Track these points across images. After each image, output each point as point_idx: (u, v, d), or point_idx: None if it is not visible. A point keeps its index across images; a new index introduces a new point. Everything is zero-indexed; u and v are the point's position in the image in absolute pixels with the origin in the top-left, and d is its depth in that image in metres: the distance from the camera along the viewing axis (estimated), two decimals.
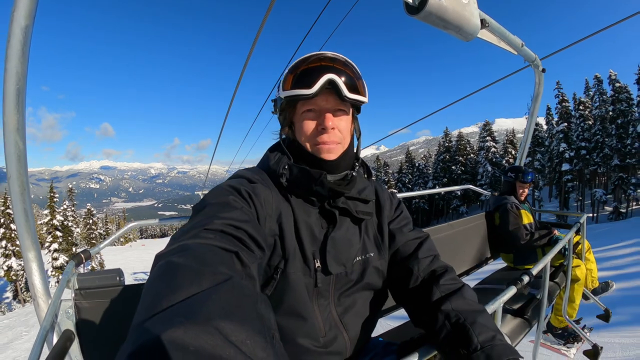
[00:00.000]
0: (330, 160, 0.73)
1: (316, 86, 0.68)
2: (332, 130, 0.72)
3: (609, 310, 2.60)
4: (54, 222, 25.66)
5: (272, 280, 0.68)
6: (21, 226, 0.88)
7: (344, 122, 0.74)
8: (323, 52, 0.73)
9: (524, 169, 2.56)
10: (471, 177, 37.64)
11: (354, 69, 0.74)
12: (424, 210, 43.02)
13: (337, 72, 0.70)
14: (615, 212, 26.10)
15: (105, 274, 1.03)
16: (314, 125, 0.72)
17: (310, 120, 0.72)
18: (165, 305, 0.34)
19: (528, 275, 1.17)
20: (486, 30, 1.51)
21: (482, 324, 0.64)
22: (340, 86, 0.69)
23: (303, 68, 0.70)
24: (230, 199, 0.62)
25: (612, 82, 27.01)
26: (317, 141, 0.72)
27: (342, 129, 0.74)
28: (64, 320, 0.95)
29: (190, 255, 0.44)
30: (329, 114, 0.72)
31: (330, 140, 0.72)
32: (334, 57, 0.72)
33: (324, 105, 0.72)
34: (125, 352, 0.29)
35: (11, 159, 0.82)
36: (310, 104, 0.72)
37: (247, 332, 0.31)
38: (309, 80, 0.68)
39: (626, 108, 25.83)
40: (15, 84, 0.75)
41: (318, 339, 0.71)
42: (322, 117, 0.72)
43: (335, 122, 0.72)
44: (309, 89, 0.68)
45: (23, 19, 0.72)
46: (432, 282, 0.74)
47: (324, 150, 0.72)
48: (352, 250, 0.77)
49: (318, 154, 0.73)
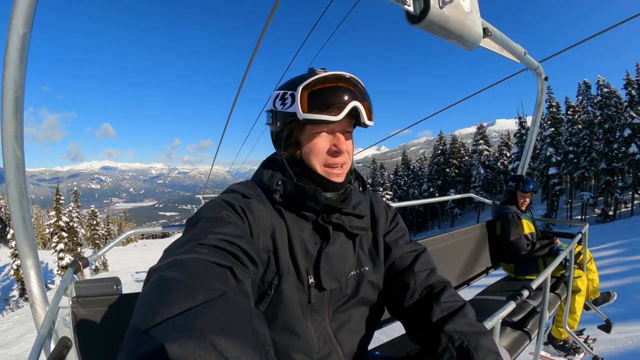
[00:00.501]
0: (337, 183, 0.74)
1: (342, 114, 0.68)
2: (345, 153, 0.72)
3: (610, 320, 2.57)
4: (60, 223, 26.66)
5: (265, 297, 0.68)
6: (19, 233, 0.88)
7: (350, 144, 0.75)
8: (338, 72, 0.71)
9: (525, 179, 2.53)
10: (465, 180, 38.13)
11: (366, 91, 0.74)
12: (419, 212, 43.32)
13: (358, 98, 0.70)
14: (603, 214, 26.49)
15: (102, 282, 1.03)
16: (327, 146, 0.72)
17: (324, 141, 0.72)
18: (159, 319, 0.33)
19: (528, 290, 1.15)
20: (488, 39, 1.50)
21: (485, 347, 0.63)
22: (362, 114, 0.70)
23: (320, 87, 0.69)
24: (224, 214, 0.62)
25: (600, 87, 27.58)
26: (329, 163, 0.72)
27: (350, 150, 0.75)
28: (61, 328, 0.95)
29: (184, 270, 0.44)
30: (343, 136, 0.72)
31: (342, 162, 0.73)
32: (351, 79, 0.71)
33: (336, 128, 0.72)
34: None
35: (9, 167, 0.82)
36: (325, 126, 0.71)
37: (241, 348, 0.31)
38: (331, 105, 0.68)
39: (614, 113, 26.28)
40: (13, 92, 0.75)
41: (312, 354, 0.70)
42: (335, 139, 0.72)
43: (346, 144, 0.73)
44: (335, 117, 0.68)
45: (21, 26, 0.72)
46: (432, 299, 0.73)
47: (334, 173, 0.73)
48: (347, 265, 0.76)
49: (328, 177, 0.73)
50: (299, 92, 0.68)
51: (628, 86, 25.33)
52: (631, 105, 24.64)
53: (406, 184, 45.05)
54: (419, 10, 0.97)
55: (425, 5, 0.95)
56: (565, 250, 1.71)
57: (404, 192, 44.03)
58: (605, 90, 27.12)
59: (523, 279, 2.45)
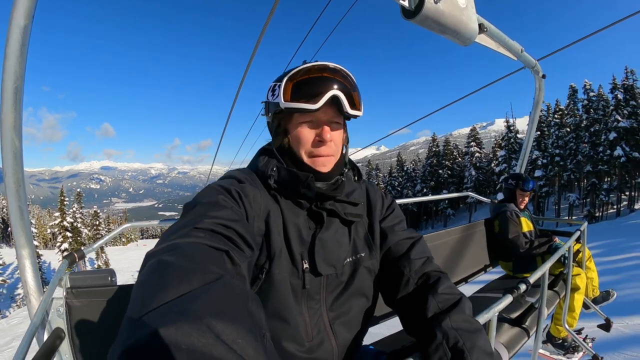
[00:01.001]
0: (324, 173, 0.74)
1: (321, 102, 0.68)
2: (329, 143, 0.73)
3: (610, 319, 2.56)
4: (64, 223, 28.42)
5: (257, 280, 0.68)
6: (16, 223, 0.88)
7: (338, 134, 0.75)
8: (324, 62, 0.72)
9: (524, 177, 2.54)
10: (458, 181, 39.26)
11: (353, 82, 0.74)
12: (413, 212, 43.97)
13: (340, 87, 0.70)
14: (589, 216, 27.00)
15: (97, 273, 1.03)
16: (311, 137, 0.73)
17: (308, 131, 0.73)
18: (157, 303, 0.34)
19: (525, 284, 1.15)
20: (485, 35, 1.51)
21: (481, 348, 0.62)
22: (343, 102, 0.70)
23: (304, 78, 0.70)
24: (220, 198, 0.63)
25: (587, 92, 28.66)
26: (313, 153, 0.73)
27: (337, 141, 0.75)
28: (55, 319, 0.95)
29: (180, 254, 0.44)
30: (327, 126, 0.72)
31: (326, 153, 0.73)
32: (335, 68, 0.72)
33: (322, 118, 0.72)
34: (117, 349, 0.30)
35: (7, 157, 0.82)
36: (309, 115, 0.72)
37: (238, 331, 0.31)
38: (313, 94, 0.68)
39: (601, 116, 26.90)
40: (13, 83, 0.76)
41: (303, 343, 0.70)
42: (320, 129, 0.72)
43: (332, 135, 0.73)
44: (313, 105, 0.68)
45: (22, 18, 0.73)
46: (428, 290, 0.72)
47: (320, 163, 0.73)
48: (342, 251, 0.76)
49: (313, 166, 0.74)
50: (284, 82, 0.71)
51: (614, 90, 25.90)
52: (617, 108, 25.24)
53: (400, 185, 45.80)
54: (414, 5, 0.98)
55: (420, 0, 0.96)
56: (563, 247, 1.71)
57: (398, 192, 44.77)
58: (591, 94, 28.10)
59: (521, 277, 2.44)
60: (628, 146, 24.61)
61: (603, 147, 25.79)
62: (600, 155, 26.10)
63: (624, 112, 24.91)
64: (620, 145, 24.78)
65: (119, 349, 0.29)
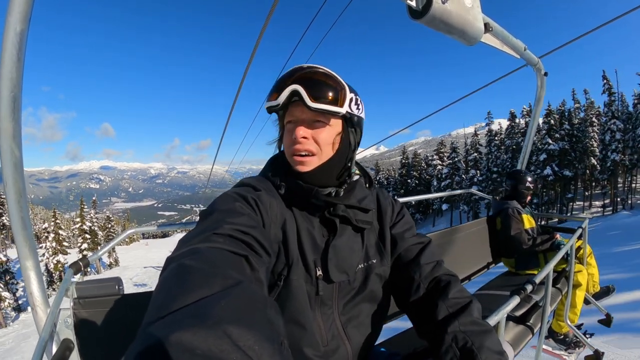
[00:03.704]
0: (303, 172, 0.73)
1: (282, 96, 0.68)
2: (303, 140, 0.71)
3: (611, 315, 2.58)
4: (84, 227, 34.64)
5: (275, 287, 0.68)
6: (18, 235, 0.87)
7: (323, 134, 0.72)
8: (301, 65, 0.73)
9: (528, 173, 2.57)
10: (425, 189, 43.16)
11: (327, 78, 0.71)
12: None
13: (304, 82, 0.68)
14: None
15: (104, 282, 1.02)
16: (290, 136, 0.72)
17: (289, 131, 0.73)
18: (176, 307, 0.34)
19: (531, 284, 1.16)
20: (489, 35, 1.49)
21: (489, 348, 0.63)
22: (302, 95, 0.68)
23: (278, 79, 0.71)
24: (237, 205, 0.63)
25: (524, 117, 33.27)
26: (292, 151, 0.73)
27: (321, 139, 0.72)
28: (63, 330, 0.94)
29: (201, 258, 0.44)
30: (301, 124, 0.71)
31: (302, 149, 0.71)
32: (306, 67, 0.72)
33: (299, 116, 0.72)
34: (133, 351, 0.29)
35: (7, 167, 0.80)
36: (290, 115, 0.73)
37: (255, 338, 0.31)
38: (278, 92, 0.70)
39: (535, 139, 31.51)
40: (10, 91, 0.74)
41: (319, 348, 0.71)
42: (297, 128, 0.72)
43: (310, 132, 0.71)
44: (275, 100, 0.70)
45: (18, 23, 0.70)
46: (439, 294, 0.73)
47: (297, 161, 0.73)
48: (354, 257, 0.76)
49: (294, 165, 0.74)
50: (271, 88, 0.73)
51: (548, 116, 29.46)
52: (549, 133, 29.22)
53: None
54: (421, 6, 0.97)
55: (427, 1, 0.95)
56: (566, 245, 1.72)
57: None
58: (527, 119, 31.58)
59: (524, 274, 2.46)
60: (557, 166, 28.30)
61: (534, 167, 29.54)
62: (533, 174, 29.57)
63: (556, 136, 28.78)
64: (551, 165, 28.29)
65: (135, 350, 0.29)
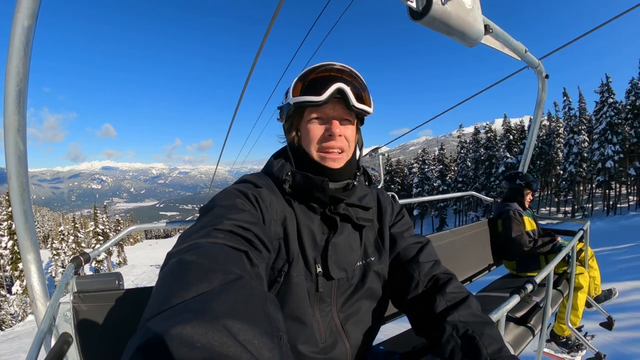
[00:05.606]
0: (334, 169, 0.74)
1: (326, 94, 0.69)
2: (339, 137, 0.73)
3: (612, 318, 2.56)
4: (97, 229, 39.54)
5: (275, 284, 0.68)
6: (20, 227, 0.87)
7: (349, 131, 0.75)
8: (332, 62, 0.74)
9: (530, 176, 2.58)
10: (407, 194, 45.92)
11: (361, 80, 0.75)
12: None
13: (346, 82, 0.71)
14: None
15: (104, 277, 1.02)
16: (321, 132, 0.73)
17: (317, 127, 0.74)
18: (176, 301, 0.34)
19: (531, 284, 1.15)
20: (490, 36, 1.50)
21: (490, 335, 0.64)
22: (348, 95, 0.71)
23: (312, 76, 0.72)
24: (237, 201, 0.63)
25: (487, 132, 38.51)
26: (323, 148, 0.73)
27: (349, 137, 0.75)
28: (62, 324, 0.94)
29: (201, 254, 0.45)
30: (337, 122, 0.73)
31: (336, 146, 0.73)
32: (343, 67, 0.74)
33: (331, 113, 0.73)
34: (133, 345, 0.30)
35: (11, 160, 0.81)
36: (318, 111, 0.73)
37: (254, 332, 0.31)
38: (319, 88, 0.70)
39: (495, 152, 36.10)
40: (16, 85, 0.75)
41: (317, 344, 0.71)
42: (329, 123, 0.73)
43: (342, 129, 0.73)
44: (319, 97, 0.70)
45: (25, 19, 0.72)
46: (437, 291, 0.73)
47: (329, 158, 0.73)
48: (353, 255, 0.77)
49: (323, 162, 0.74)
50: (294, 82, 0.73)
51: (508, 132, 34.18)
52: (508, 148, 33.91)
53: None
54: (421, 7, 0.98)
55: (427, 2, 0.96)
56: (567, 247, 1.71)
57: None
58: (489, 134, 38.03)
59: (525, 276, 2.45)
60: None
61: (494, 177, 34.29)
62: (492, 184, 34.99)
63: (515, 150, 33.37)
64: None
65: (135, 344, 0.30)
